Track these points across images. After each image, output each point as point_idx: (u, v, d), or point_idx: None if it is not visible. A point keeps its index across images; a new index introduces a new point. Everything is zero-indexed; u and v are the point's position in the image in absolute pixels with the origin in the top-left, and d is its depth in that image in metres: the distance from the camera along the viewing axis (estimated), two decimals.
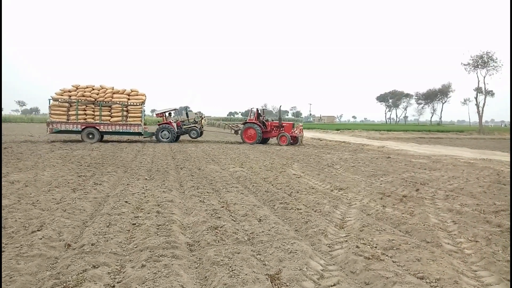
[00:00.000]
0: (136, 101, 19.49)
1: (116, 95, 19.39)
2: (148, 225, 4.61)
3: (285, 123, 21.24)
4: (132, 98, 19.58)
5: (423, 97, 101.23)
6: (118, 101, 19.23)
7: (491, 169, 11.18)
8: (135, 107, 19.42)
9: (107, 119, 19.19)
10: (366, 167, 11.12)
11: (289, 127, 20.97)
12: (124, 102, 19.29)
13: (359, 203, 6.41)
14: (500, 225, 5.06)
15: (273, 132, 21.21)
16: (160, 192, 6.65)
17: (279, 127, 21.10)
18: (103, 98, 19.09)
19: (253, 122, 21.11)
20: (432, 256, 3.76)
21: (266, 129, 21.23)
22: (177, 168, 10.22)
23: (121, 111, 19.16)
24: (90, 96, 19.01)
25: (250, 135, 21.08)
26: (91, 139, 18.91)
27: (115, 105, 19.20)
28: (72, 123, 18.84)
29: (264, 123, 21.33)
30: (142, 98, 19.60)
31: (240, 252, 3.75)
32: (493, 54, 48.19)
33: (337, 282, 3.21)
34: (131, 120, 19.40)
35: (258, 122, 21.11)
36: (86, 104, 18.98)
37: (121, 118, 19.20)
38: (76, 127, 18.91)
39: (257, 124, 20.90)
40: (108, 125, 19.12)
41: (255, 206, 5.86)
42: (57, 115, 18.86)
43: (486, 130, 48.91)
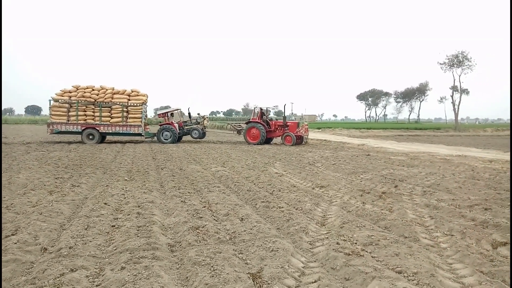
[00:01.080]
0: (136, 101, 19.24)
1: (116, 95, 19.17)
2: (128, 226, 4.54)
3: (290, 123, 20.64)
4: (133, 99, 19.35)
5: (402, 96, 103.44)
6: (118, 101, 18.99)
7: (466, 165, 11.53)
8: (136, 108, 19.18)
9: (107, 120, 18.93)
10: (346, 165, 11.29)
11: (294, 127, 20.31)
12: (124, 103, 19.02)
13: (339, 200, 6.50)
14: (474, 219, 5.23)
15: (277, 132, 20.56)
16: (140, 193, 6.56)
17: (284, 126, 20.45)
18: (103, 99, 18.87)
19: (256, 121, 20.35)
20: (409, 250, 3.85)
21: (270, 129, 20.53)
22: (158, 168, 10.10)
23: (121, 112, 18.91)
24: (90, 96, 18.81)
25: (253, 135, 20.30)
26: (91, 140, 18.66)
27: (115, 106, 18.97)
28: (72, 124, 18.60)
29: (268, 123, 20.64)
30: (142, 99, 19.34)
31: (222, 252, 3.74)
32: (468, 54, 49.78)
33: (318, 278, 3.25)
34: (131, 121, 19.18)
35: (261, 121, 20.38)
36: (86, 105, 18.75)
37: (121, 119, 18.95)
38: (76, 128, 18.69)
39: (260, 124, 20.15)
40: (108, 126, 18.91)
41: (237, 205, 5.85)
42: (57, 116, 18.60)
43: (462, 128, 50.45)
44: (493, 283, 3.14)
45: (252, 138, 20.31)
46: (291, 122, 20.73)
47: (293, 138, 19.59)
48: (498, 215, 5.44)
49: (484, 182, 8.29)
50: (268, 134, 20.43)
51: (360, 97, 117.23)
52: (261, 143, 20.04)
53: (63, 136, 21.60)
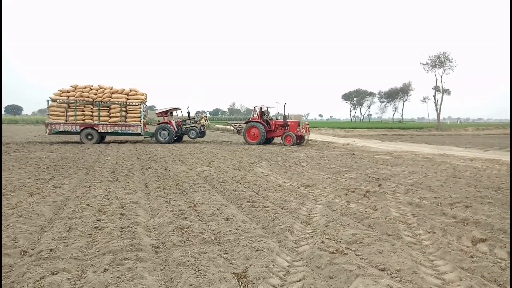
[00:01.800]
0: (135, 101, 18.99)
1: (114, 95, 18.95)
2: (111, 228, 4.47)
3: (290, 122, 20.19)
4: (131, 98, 19.13)
5: (386, 96, 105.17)
6: (117, 101, 18.75)
7: (447, 163, 11.78)
8: (134, 107, 18.94)
9: (106, 120, 18.71)
10: (331, 164, 11.38)
11: (294, 126, 19.82)
12: (123, 102, 18.78)
13: (324, 199, 6.55)
14: (455, 216, 5.35)
15: (278, 132, 20.16)
16: (124, 194, 6.47)
17: (284, 126, 20.02)
18: (101, 98, 18.63)
19: (256, 121, 19.94)
20: (392, 248, 3.91)
21: (270, 128, 20.10)
22: (143, 168, 9.98)
23: (120, 111, 18.69)
24: (88, 96, 18.54)
25: (253, 134, 19.93)
26: (90, 140, 18.47)
27: (114, 105, 18.74)
28: (71, 124, 18.40)
29: (268, 122, 20.22)
30: (141, 98, 19.10)
31: (207, 252, 3.72)
32: (449, 55, 50.86)
33: (302, 277, 3.26)
34: (130, 121, 18.94)
35: (261, 121, 19.95)
36: (85, 105, 18.54)
37: (119, 118, 18.72)
38: (75, 128, 18.48)
39: (260, 123, 19.73)
40: (106, 126, 18.71)
41: (222, 205, 5.83)
42: (56, 116, 18.38)
43: (444, 127, 51.48)
44: (472, 279, 3.22)
45: (251, 138, 19.98)
46: (291, 121, 20.34)
47: (293, 138, 19.24)
48: (478, 213, 5.58)
49: (465, 180, 8.49)
50: (268, 134, 20.07)
51: (345, 97, 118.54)
52: (261, 143, 19.68)
53: (45, 137, 21.14)
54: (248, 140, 20.07)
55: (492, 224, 4.88)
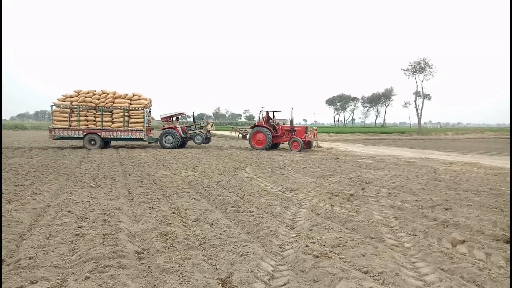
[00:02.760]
0: (137, 105, 18.74)
1: (117, 100, 18.74)
2: (93, 235, 4.39)
3: (297, 127, 19.76)
4: (134, 103, 18.87)
5: (368, 101, 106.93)
6: (120, 106, 18.53)
7: (428, 167, 12.04)
8: (137, 112, 18.70)
9: (109, 125, 18.49)
10: (316, 168, 11.48)
11: (302, 131, 19.37)
12: (126, 107, 18.56)
13: (309, 203, 6.60)
14: (435, 218, 5.47)
15: (284, 137, 19.65)
16: (106, 200, 6.36)
17: (291, 131, 19.50)
18: (104, 103, 18.43)
19: (262, 125, 19.44)
20: (375, 251, 3.97)
21: (277, 133, 19.58)
22: (126, 174, 9.84)
23: (123, 117, 18.46)
24: (91, 101, 18.36)
25: (259, 139, 19.43)
26: (93, 145, 18.31)
27: (116, 110, 18.54)
28: (74, 129, 18.25)
29: (274, 127, 19.73)
30: (144, 103, 18.86)
31: (191, 258, 3.69)
32: (429, 61, 52.18)
33: (287, 281, 3.27)
34: (133, 126, 18.70)
35: (267, 125, 19.45)
36: (88, 110, 18.37)
37: (122, 123, 18.48)
38: (78, 133, 18.33)
39: (266, 128, 19.25)
40: (109, 131, 18.53)
41: (207, 210, 5.80)
42: (59, 121, 18.23)
43: (425, 131, 52.62)
44: (452, 280, 3.29)
45: (257, 143, 19.51)
46: (299, 127, 19.96)
47: (300, 144, 18.65)
48: (457, 215, 5.71)
49: (445, 183, 8.68)
50: (274, 139, 19.58)
51: (329, 101, 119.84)
52: (267, 149, 19.22)
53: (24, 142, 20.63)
54: (254, 145, 19.60)
55: (471, 226, 5.01)
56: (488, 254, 4.00)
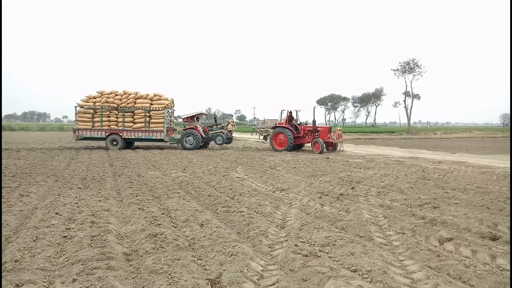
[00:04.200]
0: (158, 106, 18.63)
1: (139, 100, 18.72)
2: (81, 236, 4.34)
3: (320, 127, 18.70)
4: (155, 103, 18.77)
5: (359, 101, 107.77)
6: (141, 106, 18.50)
7: (417, 166, 12.18)
8: (158, 112, 18.60)
9: (130, 125, 18.50)
10: (306, 168, 11.52)
11: (325, 132, 18.27)
12: (147, 108, 18.49)
13: (299, 203, 6.62)
14: (423, 217, 5.53)
15: (307, 138, 18.71)
16: (95, 201, 6.30)
17: (314, 132, 18.50)
18: (125, 104, 18.44)
19: (283, 126, 18.57)
20: (364, 249, 4.00)
21: (299, 134, 18.71)
22: (115, 175, 9.76)
23: (144, 117, 18.41)
24: (113, 102, 18.38)
25: (280, 141, 18.65)
26: (115, 146, 18.36)
27: (138, 111, 18.52)
28: (97, 130, 18.35)
29: (296, 127, 18.83)
30: (164, 103, 18.72)
31: (180, 259, 3.67)
32: (418, 61, 52.82)
33: (276, 281, 3.28)
34: (153, 126, 18.61)
35: (289, 126, 18.61)
36: (110, 110, 18.42)
37: (143, 124, 18.43)
38: (101, 134, 18.41)
39: (288, 129, 18.42)
40: (130, 132, 18.54)
41: (197, 211, 5.78)
42: (83, 122, 18.36)
43: (414, 131, 53.21)
44: (439, 277, 3.33)
45: (278, 144, 18.76)
46: (321, 127, 18.90)
47: (321, 145, 17.54)
48: (445, 213, 5.79)
49: (433, 182, 8.79)
50: (297, 140, 18.76)
51: (320, 101, 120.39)
52: (289, 150, 18.44)
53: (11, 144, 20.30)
54: (275, 147, 18.89)
55: (458, 224, 5.08)
56: (474, 251, 4.06)
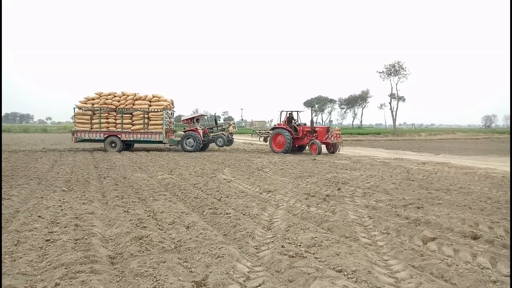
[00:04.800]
0: (157, 107, 18.36)
1: (137, 101, 18.47)
2: (65, 240, 4.26)
3: (318, 128, 18.36)
4: (154, 104, 18.50)
5: (345, 103, 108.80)
6: (139, 107, 18.27)
7: (402, 167, 12.37)
8: (156, 114, 18.34)
9: (129, 127, 18.24)
10: (293, 169, 11.58)
11: (323, 133, 17.82)
12: (145, 109, 18.24)
13: (286, 204, 6.65)
14: (408, 217, 5.62)
15: (306, 139, 18.29)
16: (79, 204, 6.20)
17: (312, 132, 18.11)
18: (124, 105, 18.19)
19: (282, 127, 18.31)
20: (349, 250, 4.04)
21: (298, 135, 18.33)
22: (100, 177, 9.62)
23: (142, 119, 18.17)
24: (111, 103, 18.12)
25: (279, 142, 18.34)
26: (114, 148, 18.08)
27: (136, 112, 18.29)
28: (95, 131, 18.09)
29: (296, 128, 18.43)
30: (163, 104, 18.44)
31: (166, 261, 3.65)
32: (403, 64, 53.66)
33: (262, 282, 3.29)
34: (152, 128, 18.32)
35: (288, 127, 18.29)
36: (109, 112, 18.17)
37: (142, 125, 18.18)
38: (99, 136, 18.14)
39: (286, 130, 18.08)
40: (129, 134, 18.28)
41: (183, 213, 5.75)
42: (81, 124, 18.12)
43: (399, 132, 54.01)
44: (422, 276, 3.39)
45: (278, 146, 18.43)
46: (319, 127, 18.56)
47: (318, 147, 17.30)
48: (428, 213, 5.90)
49: (417, 182, 8.94)
50: (296, 141, 18.41)
51: (307, 103, 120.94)
52: (287, 152, 18.05)
53: None
54: (274, 148, 18.61)
55: (441, 224, 5.18)
56: (456, 250, 4.15)
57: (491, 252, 4.03)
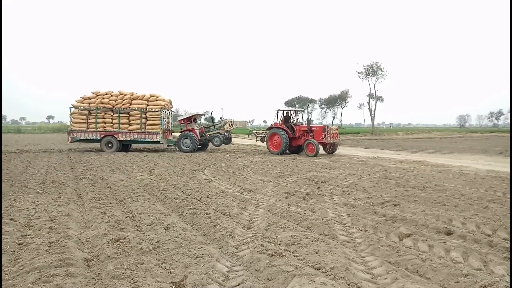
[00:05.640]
0: (155, 107, 17.90)
1: (134, 101, 18.04)
2: (38, 243, 4.14)
3: (314, 127, 17.27)
4: (151, 104, 18.05)
5: (325, 102, 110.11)
6: (137, 107, 17.83)
7: (380, 166, 12.62)
8: (154, 114, 17.87)
9: (126, 127, 17.79)
10: (274, 169, 11.63)
11: (319, 132, 16.84)
12: (143, 109, 17.80)
13: (266, 203, 6.67)
14: (385, 214, 5.75)
15: (303, 139, 17.37)
16: (54, 206, 6.03)
17: (308, 132, 17.23)
18: (121, 105, 17.75)
19: (278, 127, 17.51)
20: (328, 247, 4.09)
21: (295, 135, 17.51)
22: (76, 179, 9.39)
23: (140, 118, 17.75)
24: (108, 103, 17.68)
25: (275, 142, 17.55)
26: (110, 148, 17.67)
27: (133, 112, 17.86)
28: (92, 131, 17.66)
29: (293, 128, 17.66)
30: (161, 104, 17.97)
31: (144, 263, 3.60)
32: (381, 64, 54.73)
33: (241, 281, 3.29)
34: (150, 128, 17.88)
35: (284, 126, 17.48)
36: (105, 112, 17.73)
37: (139, 125, 17.77)
38: (95, 136, 17.70)
39: (283, 129, 17.27)
40: (126, 134, 17.84)
41: (162, 214, 5.68)
42: (77, 124, 17.67)
43: (378, 132, 55.08)
44: (398, 271, 3.48)
45: (274, 146, 17.66)
46: (316, 126, 17.40)
47: (316, 147, 16.27)
48: (405, 210, 6.04)
49: (395, 181, 9.15)
50: (293, 141, 17.60)
51: (288, 103, 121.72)
52: (283, 153, 17.31)
53: None
54: (270, 149, 17.83)
55: (417, 220, 5.32)
56: (431, 246, 4.27)
57: (463, 247, 4.17)
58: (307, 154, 16.62)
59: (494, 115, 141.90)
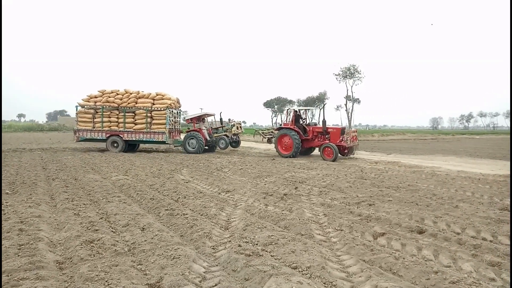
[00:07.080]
0: (160, 106, 17.27)
1: (140, 100, 17.43)
2: (7, 246, 3.99)
3: (331, 129, 15.83)
4: (157, 103, 17.42)
5: (304, 104, 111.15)
6: (142, 106, 17.21)
7: (356, 166, 12.86)
8: (160, 113, 17.26)
9: (131, 126, 17.21)
10: (252, 169, 11.64)
11: (337, 134, 15.52)
12: (148, 108, 17.19)
13: (244, 204, 6.68)
14: (360, 214, 5.87)
15: (317, 141, 16.17)
16: (25, 208, 5.82)
17: (324, 134, 15.95)
18: (126, 104, 17.16)
19: (289, 127, 16.19)
20: (304, 247, 4.14)
21: (307, 137, 16.27)
22: (48, 179, 9.09)
23: (145, 118, 17.16)
24: (114, 101, 17.08)
25: (285, 144, 16.24)
26: (116, 148, 17.14)
27: (139, 111, 17.28)
28: (97, 131, 17.12)
29: (304, 129, 16.45)
30: (167, 103, 17.33)
31: (119, 264, 3.53)
32: (358, 67, 55.93)
33: (218, 282, 3.28)
34: (155, 128, 17.26)
35: (295, 127, 16.25)
36: (111, 111, 17.16)
37: (145, 125, 17.19)
38: (101, 135, 17.17)
39: (294, 130, 16.03)
40: (131, 133, 17.29)
41: (138, 214, 5.59)
42: (83, 123, 17.12)
43: None
44: (372, 270, 3.56)
45: (284, 148, 16.33)
46: (333, 128, 16.01)
47: (334, 151, 14.82)
48: (379, 210, 6.19)
49: (370, 181, 9.35)
50: (305, 143, 16.32)
51: (266, 104, 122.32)
52: (295, 155, 16.04)
53: None
54: (280, 151, 16.51)
55: (391, 220, 5.46)
56: (404, 244, 4.39)
57: (434, 245, 4.31)
58: (324, 159, 15.19)
59: (465, 118, 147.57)
